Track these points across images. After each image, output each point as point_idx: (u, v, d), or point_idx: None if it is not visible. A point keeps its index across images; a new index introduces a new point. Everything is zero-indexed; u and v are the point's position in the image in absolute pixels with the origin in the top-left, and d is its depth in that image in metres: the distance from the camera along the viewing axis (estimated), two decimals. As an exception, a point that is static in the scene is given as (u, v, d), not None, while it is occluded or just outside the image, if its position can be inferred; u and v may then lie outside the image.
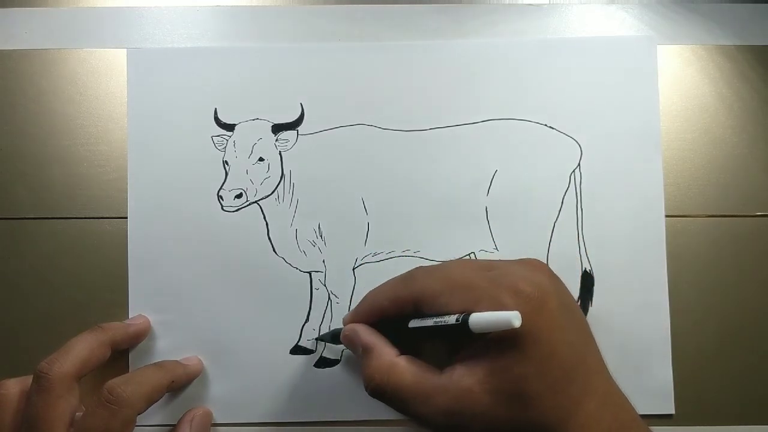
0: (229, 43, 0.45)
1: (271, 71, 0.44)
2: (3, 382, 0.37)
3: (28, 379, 0.37)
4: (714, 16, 0.45)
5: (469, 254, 0.43)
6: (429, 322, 0.33)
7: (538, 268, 0.35)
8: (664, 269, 0.43)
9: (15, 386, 0.37)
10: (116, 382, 0.36)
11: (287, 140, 0.43)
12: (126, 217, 0.43)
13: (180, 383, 0.41)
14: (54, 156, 0.44)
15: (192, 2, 0.45)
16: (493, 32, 0.45)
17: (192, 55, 0.44)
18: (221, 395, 0.43)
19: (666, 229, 0.43)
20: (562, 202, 0.43)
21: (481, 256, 0.43)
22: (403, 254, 0.43)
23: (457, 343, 0.34)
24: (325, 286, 0.43)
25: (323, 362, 0.43)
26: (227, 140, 0.43)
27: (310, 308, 0.43)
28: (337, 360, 0.43)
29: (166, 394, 0.40)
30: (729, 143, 0.44)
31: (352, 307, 0.43)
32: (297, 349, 0.43)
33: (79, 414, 0.36)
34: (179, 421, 0.41)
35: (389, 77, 0.44)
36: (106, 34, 0.45)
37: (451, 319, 0.32)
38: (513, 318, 0.29)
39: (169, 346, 0.43)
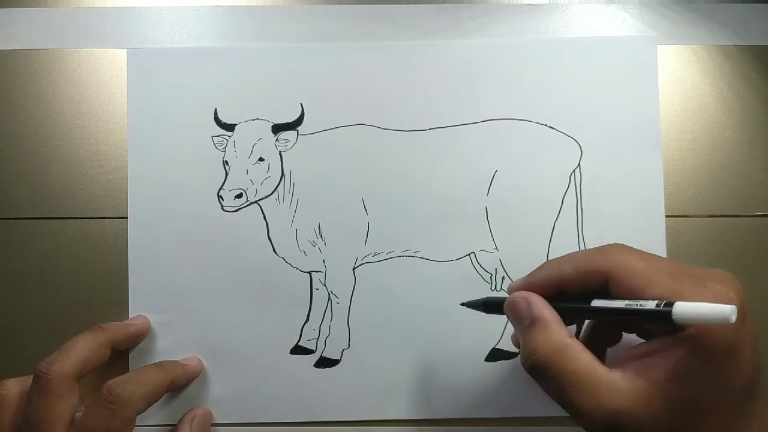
0: (229, 43, 0.45)
1: (271, 71, 0.44)
2: (3, 382, 0.37)
3: (28, 379, 0.37)
4: (714, 16, 0.45)
5: (469, 254, 0.43)
6: (619, 303, 0.30)
7: (738, 282, 0.31)
8: (664, 269, 0.43)
9: (15, 386, 0.37)
10: (116, 382, 0.36)
11: (287, 140, 0.43)
12: (126, 217, 0.43)
13: (180, 383, 0.41)
14: (54, 156, 0.44)
15: (192, 2, 0.45)
16: (493, 32, 0.45)
17: (192, 55, 0.44)
18: (221, 395, 0.43)
19: (666, 229, 0.43)
20: (562, 202, 0.43)
21: (481, 256, 0.43)
22: (403, 254, 0.43)
23: (614, 339, 0.31)
24: (325, 286, 0.43)
25: (323, 362, 0.43)
26: (227, 140, 0.43)
27: (310, 308, 0.43)
28: (337, 360, 0.43)
29: (166, 394, 0.40)
30: (729, 143, 0.44)
31: (352, 307, 0.43)
32: (297, 349, 0.43)
33: (79, 414, 0.36)
34: (179, 421, 0.41)
35: (389, 77, 0.44)
36: (106, 34, 0.45)
37: (650, 304, 0.29)
38: (730, 313, 0.26)
39: (169, 346, 0.43)
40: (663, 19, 0.45)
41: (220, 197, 0.43)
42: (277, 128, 0.43)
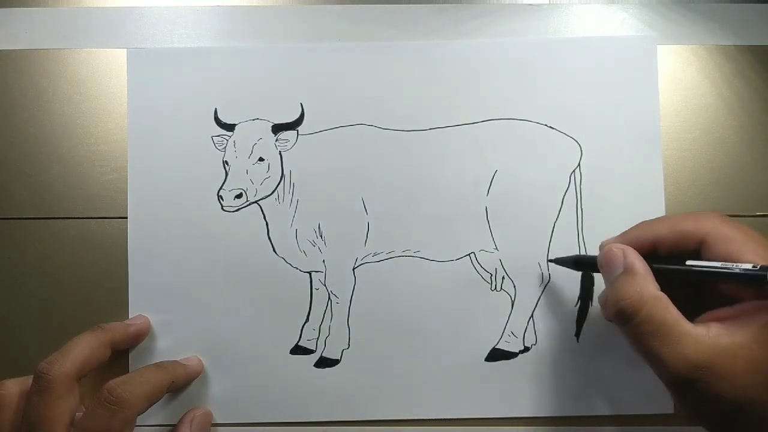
0: (229, 43, 0.45)
1: (271, 71, 0.44)
2: (3, 382, 0.37)
3: (28, 380, 0.37)
4: (714, 16, 0.45)
5: (469, 254, 0.43)
6: (716, 264, 0.32)
7: None
8: (664, 269, 0.43)
9: (15, 386, 0.37)
10: (116, 383, 0.36)
11: (287, 140, 0.43)
12: (126, 217, 0.43)
13: (180, 383, 0.41)
14: (54, 156, 0.44)
15: (192, 2, 0.45)
16: (493, 32, 0.45)
17: (192, 55, 0.44)
18: (221, 395, 0.43)
19: (666, 229, 0.43)
20: (562, 202, 0.43)
21: (481, 256, 0.43)
22: (403, 254, 0.43)
23: (699, 303, 0.32)
24: (325, 286, 0.43)
25: (323, 362, 0.43)
26: (227, 140, 0.43)
27: (310, 308, 0.43)
28: (337, 360, 0.43)
29: (166, 394, 0.40)
30: (729, 143, 0.44)
31: (352, 307, 0.43)
32: (297, 349, 0.43)
33: (79, 414, 0.36)
34: (179, 422, 0.41)
35: (389, 77, 0.44)
36: (106, 34, 0.45)
37: (746, 266, 0.30)
38: None
39: (169, 346, 0.43)
40: (663, 19, 0.45)
41: (220, 197, 0.43)
42: (277, 128, 0.43)
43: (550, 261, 0.42)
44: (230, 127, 0.43)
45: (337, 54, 0.44)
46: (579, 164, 0.43)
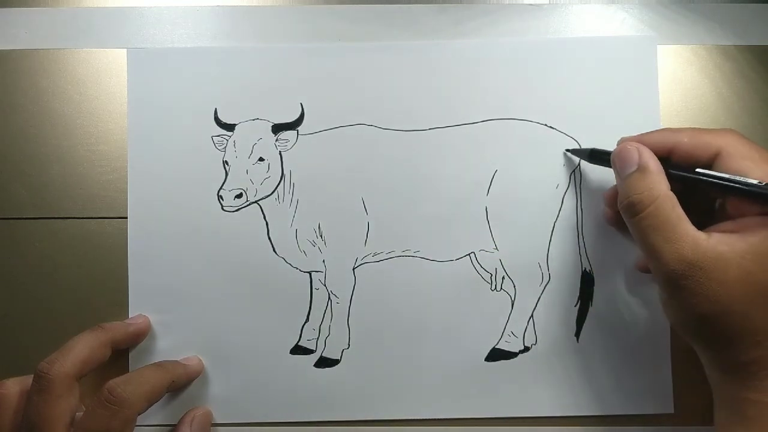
0: (229, 43, 0.45)
1: (271, 71, 0.44)
2: (3, 382, 0.37)
3: (28, 379, 0.37)
4: (714, 16, 0.45)
5: (469, 254, 0.43)
6: (725, 175, 0.32)
7: None
8: (664, 269, 0.43)
9: (15, 386, 0.37)
10: (116, 382, 0.36)
11: (287, 140, 0.43)
12: (126, 217, 0.43)
13: (180, 383, 0.41)
14: (54, 156, 0.44)
15: (192, 2, 0.45)
16: (493, 32, 0.45)
17: (192, 55, 0.44)
18: (221, 395, 0.43)
19: (666, 229, 0.43)
20: (562, 202, 0.43)
21: (481, 256, 0.43)
22: (403, 254, 0.43)
23: (707, 217, 0.33)
24: (325, 286, 0.43)
25: (323, 362, 0.43)
26: (227, 140, 0.43)
27: (310, 308, 0.43)
28: (337, 360, 0.43)
29: (166, 394, 0.40)
30: (729, 143, 0.44)
31: (352, 307, 0.43)
32: (297, 349, 0.43)
33: (79, 414, 0.36)
34: (179, 422, 0.41)
35: (389, 77, 0.44)
36: (106, 34, 0.45)
37: (753, 181, 0.31)
38: None
39: (169, 346, 0.43)
40: (663, 19, 0.45)
41: (220, 197, 0.43)
42: (277, 128, 0.43)
43: (567, 151, 0.43)
44: (230, 127, 0.43)
45: (337, 54, 0.44)
46: (579, 164, 0.43)
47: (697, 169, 0.34)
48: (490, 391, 0.43)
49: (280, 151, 0.43)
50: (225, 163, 0.43)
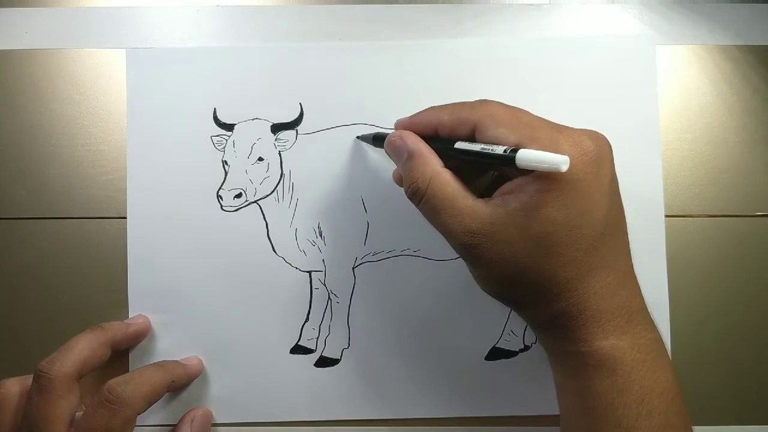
0: (229, 43, 0.45)
1: (271, 71, 0.44)
2: (3, 382, 0.37)
3: (28, 379, 0.37)
4: (714, 16, 0.45)
5: (468, 254, 0.43)
6: (477, 147, 0.33)
7: (601, 137, 0.34)
8: (664, 269, 0.43)
9: (15, 386, 0.37)
10: (116, 382, 0.36)
11: (286, 140, 0.43)
12: (126, 217, 0.43)
13: (180, 383, 0.41)
14: (54, 156, 0.44)
15: (192, 2, 0.45)
16: (493, 32, 0.45)
17: (192, 55, 0.44)
18: (221, 395, 0.43)
19: (666, 229, 0.43)
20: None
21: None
22: (403, 253, 0.43)
23: (506, 180, 0.34)
24: (325, 285, 0.43)
25: (323, 362, 0.43)
26: (227, 140, 0.43)
27: (310, 308, 0.43)
28: (337, 359, 0.43)
29: (166, 394, 0.40)
30: (729, 143, 0.44)
31: (352, 306, 0.43)
32: (297, 349, 0.43)
33: (79, 414, 0.36)
34: (180, 422, 0.41)
35: (389, 77, 0.44)
36: (106, 34, 0.45)
37: (499, 149, 0.31)
38: (561, 162, 0.29)
39: (169, 346, 0.43)
40: (662, 19, 0.45)
41: (219, 197, 0.43)
42: (276, 128, 0.43)
43: (357, 137, 0.43)
44: (229, 127, 0.43)
45: (337, 54, 0.44)
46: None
47: (456, 144, 0.34)
48: (490, 390, 0.43)
49: (279, 151, 0.43)
50: (224, 162, 0.43)
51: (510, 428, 0.43)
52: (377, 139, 0.40)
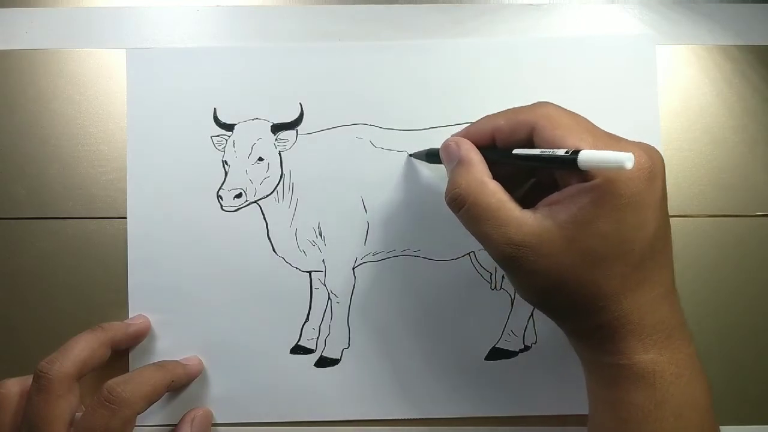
0: (229, 43, 0.45)
1: (271, 71, 0.44)
2: (3, 382, 0.37)
3: (28, 379, 0.37)
4: (714, 16, 0.45)
5: (468, 253, 0.43)
6: (536, 151, 0.32)
7: (656, 151, 0.34)
8: (664, 269, 0.43)
9: (15, 386, 0.37)
10: (116, 382, 0.36)
11: (286, 140, 0.43)
12: (125, 217, 0.43)
13: (180, 383, 0.41)
14: (54, 156, 0.44)
15: (192, 2, 0.45)
16: (493, 32, 0.45)
17: (192, 55, 0.44)
18: (221, 395, 0.43)
19: (666, 229, 0.43)
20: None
21: (480, 255, 0.43)
22: (403, 253, 0.43)
23: (545, 191, 0.33)
24: (325, 285, 0.43)
25: (323, 362, 0.43)
26: (227, 140, 0.43)
27: (310, 308, 0.43)
28: (337, 359, 0.43)
29: (166, 394, 0.40)
30: (729, 143, 0.44)
31: (352, 306, 0.43)
32: (297, 349, 0.43)
33: (79, 414, 0.36)
34: (180, 422, 0.41)
35: (389, 77, 0.44)
36: (106, 34, 0.45)
37: (560, 151, 0.31)
38: (626, 159, 0.28)
39: (169, 346, 0.43)
40: (662, 19, 0.45)
41: (219, 197, 0.43)
42: (276, 128, 0.43)
43: (410, 155, 0.43)
44: (229, 127, 0.43)
45: (337, 54, 0.44)
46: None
47: (514, 151, 0.34)
48: (490, 390, 0.43)
49: (279, 151, 0.43)
50: (224, 163, 0.43)
51: (510, 428, 0.43)
52: (431, 155, 0.40)
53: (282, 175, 0.43)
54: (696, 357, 0.34)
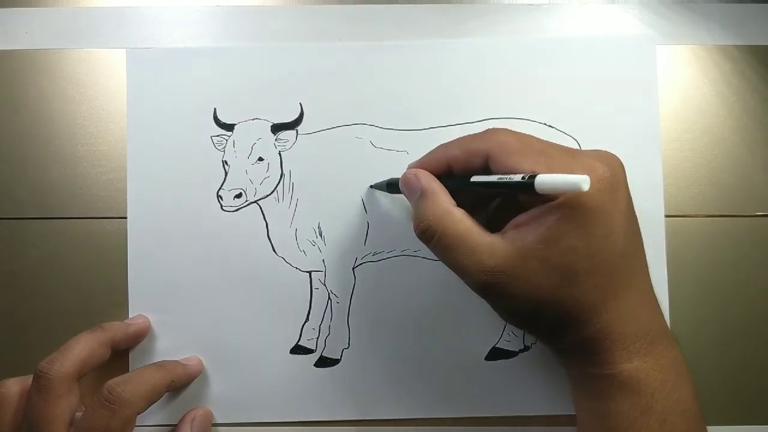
0: (229, 43, 0.45)
1: (271, 71, 0.44)
2: (3, 382, 0.37)
3: (28, 379, 0.37)
4: (714, 16, 0.45)
5: (468, 254, 0.43)
6: (493, 178, 0.32)
7: (615, 158, 0.34)
8: (664, 269, 0.43)
9: (15, 386, 0.37)
10: (116, 382, 0.36)
11: (286, 140, 0.43)
12: (126, 217, 0.43)
13: (180, 383, 0.41)
14: (54, 156, 0.44)
15: (192, 2, 0.45)
16: (493, 32, 0.45)
17: (192, 55, 0.44)
18: (221, 395, 0.43)
19: (666, 229, 0.43)
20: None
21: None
22: (403, 253, 0.43)
23: (510, 212, 0.33)
24: (325, 285, 0.43)
25: (323, 362, 0.43)
26: (227, 140, 0.43)
27: (310, 308, 0.43)
28: (337, 359, 0.43)
29: (166, 394, 0.40)
30: (729, 143, 0.44)
31: (352, 306, 0.43)
32: (297, 349, 0.43)
33: (79, 414, 0.36)
34: (180, 422, 0.41)
35: (389, 77, 0.44)
36: (106, 34, 0.45)
37: (517, 177, 0.31)
38: (582, 181, 0.28)
39: (169, 346, 0.43)
40: (662, 19, 0.45)
41: (219, 197, 0.43)
42: (277, 128, 0.43)
43: (371, 187, 0.43)
44: (230, 127, 0.44)
45: (337, 54, 0.44)
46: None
47: (472, 178, 0.34)
48: (490, 390, 0.43)
49: (279, 151, 0.43)
50: (224, 163, 0.43)
51: (510, 428, 0.43)
52: (391, 186, 0.40)
53: (282, 175, 0.43)
54: (681, 360, 0.34)
